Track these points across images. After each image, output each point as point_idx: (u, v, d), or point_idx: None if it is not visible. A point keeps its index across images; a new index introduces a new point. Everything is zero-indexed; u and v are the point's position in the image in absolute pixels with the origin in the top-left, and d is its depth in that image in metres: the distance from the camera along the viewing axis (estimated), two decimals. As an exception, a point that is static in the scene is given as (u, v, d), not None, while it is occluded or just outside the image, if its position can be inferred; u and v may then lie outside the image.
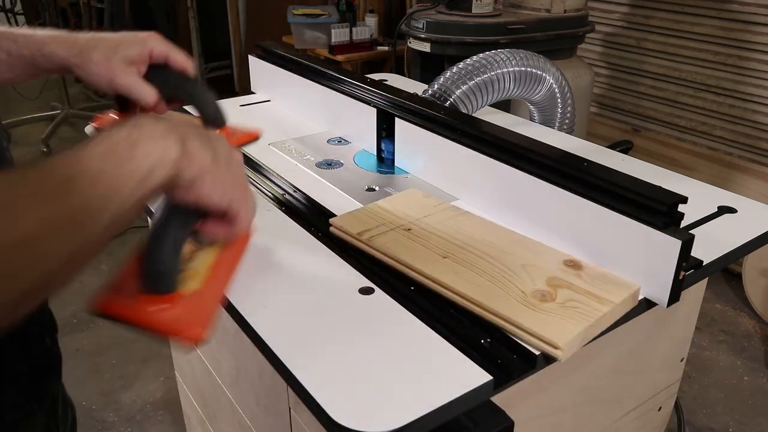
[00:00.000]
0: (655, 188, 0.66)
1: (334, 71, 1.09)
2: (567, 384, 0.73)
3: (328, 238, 0.74)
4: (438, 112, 0.89)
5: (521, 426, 0.59)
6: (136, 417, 1.81)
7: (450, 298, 0.63)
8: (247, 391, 0.91)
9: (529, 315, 0.59)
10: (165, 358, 1.95)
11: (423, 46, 2.01)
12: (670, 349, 0.89)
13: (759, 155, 2.45)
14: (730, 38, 2.40)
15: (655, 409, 0.93)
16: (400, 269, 0.67)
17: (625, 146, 1.15)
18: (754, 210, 0.84)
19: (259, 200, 0.84)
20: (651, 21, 2.64)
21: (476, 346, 0.57)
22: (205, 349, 1.06)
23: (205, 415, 1.19)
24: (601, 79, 2.87)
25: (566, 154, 0.76)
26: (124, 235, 2.29)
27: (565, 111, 1.15)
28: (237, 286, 0.65)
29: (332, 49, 3.14)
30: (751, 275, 2.24)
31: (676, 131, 2.69)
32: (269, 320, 0.60)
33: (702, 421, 1.80)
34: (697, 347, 2.07)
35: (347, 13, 3.18)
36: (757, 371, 1.99)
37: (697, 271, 0.69)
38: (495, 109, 1.23)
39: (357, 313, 0.62)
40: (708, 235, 0.75)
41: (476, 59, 1.07)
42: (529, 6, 2.12)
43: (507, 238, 0.72)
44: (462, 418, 0.53)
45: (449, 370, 0.54)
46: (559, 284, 0.63)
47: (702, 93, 2.56)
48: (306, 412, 0.70)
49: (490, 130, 0.84)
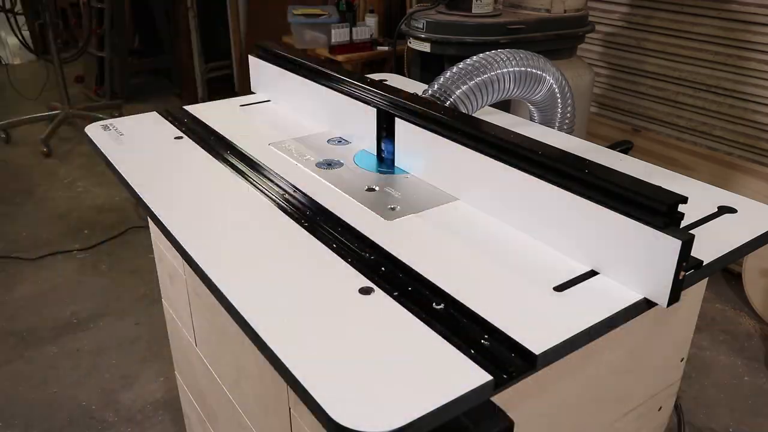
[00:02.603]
0: (655, 188, 0.66)
1: (334, 71, 1.09)
2: (567, 384, 0.73)
3: (328, 238, 0.74)
4: (438, 112, 0.89)
5: (521, 426, 0.59)
6: (136, 417, 1.82)
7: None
8: (247, 391, 0.91)
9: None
10: (165, 358, 1.96)
11: (423, 46, 2.01)
12: (670, 349, 0.89)
13: (759, 155, 2.45)
14: (730, 38, 2.40)
15: (655, 409, 0.93)
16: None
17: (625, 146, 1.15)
18: (754, 210, 0.84)
19: (259, 201, 0.85)
20: (651, 21, 2.64)
21: (476, 346, 0.57)
22: (205, 349, 1.06)
23: (205, 415, 1.20)
24: (601, 79, 2.87)
25: (566, 154, 0.76)
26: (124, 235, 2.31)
27: (565, 111, 1.15)
28: (237, 286, 0.65)
29: (332, 49, 3.14)
30: (751, 275, 2.24)
31: (676, 131, 2.69)
32: (269, 320, 0.60)
33: (702, 421, 1.80)
34: (697, 347, 2.08)
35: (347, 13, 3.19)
36: (757, 371, 1.99)
37: (697, 271, 0.69)
38: (495, 109, 1.23)
39: (357, 313, 0.62)
40: (708, 235, 0.75)
41: (476, 59, 1.07)
42: (529, 6, 2.12)
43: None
44: (462, 418, 0.53)
45: (449, 370, 0.54)
46: None
47: (702, 93, 2.56)
48: (306, 412, 0.70)
49: (490, 130, 0.84)
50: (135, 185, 0.89)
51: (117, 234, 2.72)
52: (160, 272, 1.24)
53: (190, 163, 0.97)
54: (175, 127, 1.10)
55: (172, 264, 1.11)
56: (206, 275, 0.67)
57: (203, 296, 0.97)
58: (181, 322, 1.17)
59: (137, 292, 2.37)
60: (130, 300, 2.33)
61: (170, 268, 1.13)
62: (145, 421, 1.80)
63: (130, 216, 2.86)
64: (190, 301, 1.06)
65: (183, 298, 1.10)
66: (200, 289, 0.96)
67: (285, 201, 0.84)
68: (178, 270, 1.08)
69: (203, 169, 0.95)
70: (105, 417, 1.81)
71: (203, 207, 0.83)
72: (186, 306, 1.09)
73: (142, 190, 0.87)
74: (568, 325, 0.60)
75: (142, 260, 2.52)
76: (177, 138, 1.05)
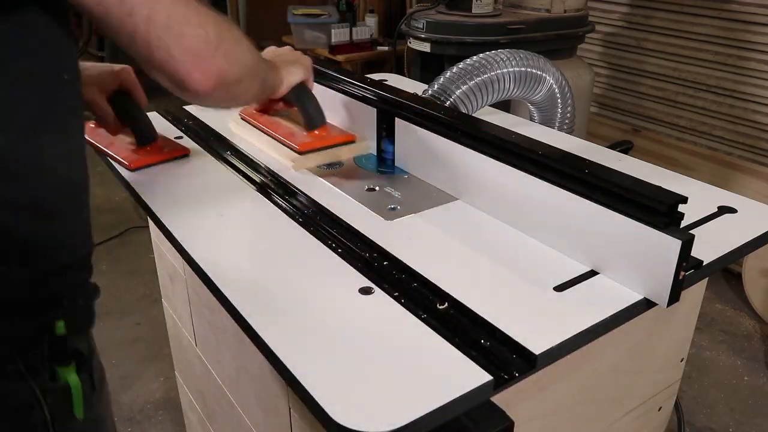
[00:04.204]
0: (655, 188, 0.66)
1: (334, 71, 1.09)
2: (567, 384, 0.73)
3: (328, 238, 0.74)
4: (438, 112, 0.89)
5: (521, 426, 0.59)
6: (136, 417, 1.82)
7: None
8: (247, 391, 0.91)
9: None
10: (165, 358, 1.95)
11: (423, 46, 2.01)
12: (670, 349, 0.89)
13: (759, 155, 2.45)
14: (730, 38, 2.40)
15: (655, 409, 0.93)
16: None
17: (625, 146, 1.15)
18: (754, 210, 0.84)
19: (259, 201, 0.85)
20: (651, 21, 2.64)
21: (476, 346, 0.57)
22: (205, 349, 1.06)
23: (205, 415, 1.20)
24: (601, 79, 2.87)
25: (566, 154, 0.76)
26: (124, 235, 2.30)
27: (565, 111, 1.15)
28: (237, 286, 0.65)
29: (332, 49, 3.14)
30: (751, 275, 2.24)
31: (676, 131, 2.69)
32: (270, 320, 0.60)
33: (702, 421, 1.80)
34: (697, 347, 2.07)
35: (347, 13, 3.19)
36: (757, 371, 1.99)
37: (697, 271, 0.69)
38: (495, 109, 1.23)
39: (357, 313, 0.62)
40: (708, 235, 0.75)
41: (476, 59, 1.07)
42: (529, 6, 2.12)
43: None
44: (462, 418, 0.53)
45: (449, 370, 0.54)
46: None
47: (702, 93, 2.56)
48: (306, 412, 0.70)
49: (490, 130, 0.84)
50: (135, 185, 0.89)
51: (117, 234, 2.71)
52: (160, 272, 1.24)
53: (190, 163, 0.97)
54: (175, 127, 1.10)
55: (172, 264, 1.11)
56: (206, 275, 0.67)
57: (203, 296, 0.97)
58: (181, 322, 1.17)
59: (137, 292, 2.36)
60: (130, 300, 2.32)
61: (170, 268, 1.13)
62: (145, 421, 1.80)
63: (130, 216, 2.86)
64: (190, 301, 1.06)
65: (183, 298, 1.10)
66: (200, 289, 0.96)
67: (285, 201, 0.84)
68: (178, 270, 1.08)
69: (203, 169, 0.95)
70: (105, 417, 1.81)
71: (203, 207, 0.83)
72: (186, 306, 1.09)
73: (141, 190, 0.87)
74: (568, 325, 0.60)
75: (142, 260, 2.52)
76: (177, 138, 1.05)
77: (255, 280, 0.67)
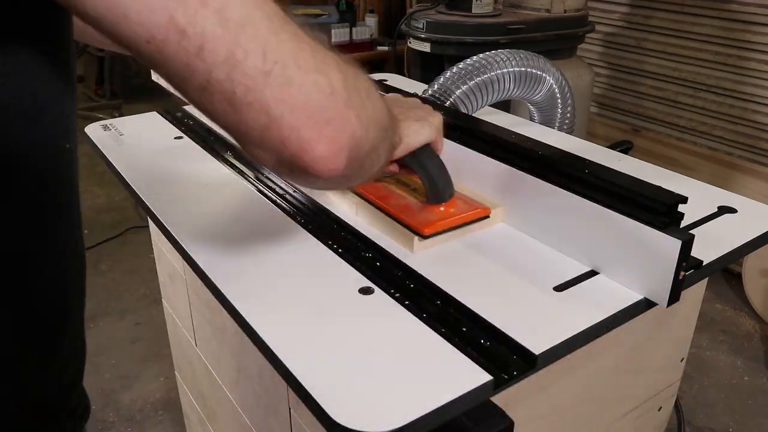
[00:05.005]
0: (655, 188, 0.66)
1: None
2: (567, 384, 0.73)
3: (328, 238, 0.74)
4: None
5: (521, 426, 0.59)
6: (136, 417, 1.82)
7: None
8: (247, 391, 0.91)
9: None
10: (165, 358, 1.95)
11: (423, 46, 2.01)
12: (670, 349, 0.89)
13: (759, 155, 2.45)
14: (730, 38, 2.40)
15: (655, 409, 0.93)
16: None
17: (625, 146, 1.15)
18: (754, 210, 0.84)
19: (259, 201, 0.85)
20: (651, 21, 2.64)
21: (476, 346, 0.57)
22: (205, 349, 1.06)
23: (205, 415, 1.20)
24: (601, 79, 2.87)
25: (566, 154, 0.76)
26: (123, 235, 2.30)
27: (565, 111, 1.15)
28: (237, 286, 0.65)
29: (332, 49, 3.14)
30: (751, 275, 2.24)
31: (676, 131, 2.69)
32: (269, 320, 0.60)
33: (702, 421, 1.80)
34: (697, 347, 2.07)
35: (347, 13, 3.19)
36: (757, 371, 1.99)
37: (697, 271, 0.69)
38: (495, 109, 1.23)
39: (357, 313, 0.62)
40: (708, 235, 0.75)
41: (476, 59, 1.07)
42: (529, 6, 2.12)
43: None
44: (462, 418, 0.53)
45: (449, 370, 0.54)
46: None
47: (702, 93, 2.56)
48: (306, 412, 0.70)
49: (490, 130, 0.84)
50: (135, 185, 0.89)
51: (117, 234, 2.72)
52: (160, 272, 1.24)
53: (190, 163, 0.97)
54: (175, 127, 1.10)
55: (172, 264, 1.11)
56: (206, 275, 0.67)
57: (203, 296, 0.97)
58: (181, 322, 1.17)
59: (137, 292, 2.37)
60: (130, 300, 2.33)
61: (170, 268, 1.13)
62: (145, 421, 1.80)
63: (130, 216, 2.86)
64: (190, 301, 1.06)
65: (183, 298, 1.10)
66: (200, 289, 0.96)
67: (285, 200, 0.84)
68: (178, 270, 1.08)
69: (203, 168, 0.95)
70: (105, 417, 1.81)
71: (203, 207, 0.83)
72: (186, 306, 1.09)
73: (141, 190, 0.87)
74: (568, 325, 0.60)
75: (142, 260, 2.52)
76: (177, 138, 1.05)
77: (254, 279, 0.67)
